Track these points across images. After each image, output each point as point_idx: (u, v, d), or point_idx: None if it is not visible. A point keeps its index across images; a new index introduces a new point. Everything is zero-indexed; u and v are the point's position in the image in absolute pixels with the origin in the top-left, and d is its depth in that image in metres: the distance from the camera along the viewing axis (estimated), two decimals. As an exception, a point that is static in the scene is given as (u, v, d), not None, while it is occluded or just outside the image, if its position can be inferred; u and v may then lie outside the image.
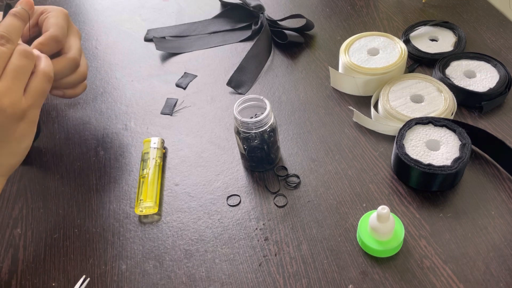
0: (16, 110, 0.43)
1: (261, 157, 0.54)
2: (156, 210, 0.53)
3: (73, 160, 0.60)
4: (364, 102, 0.63)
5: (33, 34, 0.56)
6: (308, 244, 0.49)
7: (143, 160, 0.57)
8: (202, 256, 0.49)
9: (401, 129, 0.54)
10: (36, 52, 0.48)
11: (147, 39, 0.77)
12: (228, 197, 0.54)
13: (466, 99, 0.60)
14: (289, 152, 0.58)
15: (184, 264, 0.49)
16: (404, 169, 0.52)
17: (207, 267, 0.48)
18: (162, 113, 0.65)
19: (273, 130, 0.52)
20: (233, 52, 0.73)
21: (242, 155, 0.55)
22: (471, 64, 0.63)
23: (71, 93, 0.58)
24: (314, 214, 0.51)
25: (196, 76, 0.70)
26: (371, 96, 0.63)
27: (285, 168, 0.56)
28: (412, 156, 0.51)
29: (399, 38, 0.69)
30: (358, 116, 0.60)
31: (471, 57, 0.63)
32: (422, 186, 0.52)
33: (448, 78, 0.61)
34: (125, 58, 0.74)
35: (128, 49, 0.76)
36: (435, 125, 0.55)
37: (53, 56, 0.52)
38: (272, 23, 0.75)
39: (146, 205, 0.52)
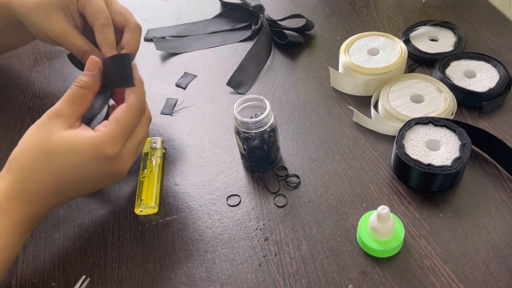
0: (125, 171, 0.47)
1: (261, 157, 0.54)
2: (156, 210, 0.53)
3: (73, 160, 0.60)
4: (364, 102, 0.63)
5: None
6: (308, 244, 0.49)
7: (143, 160, 0.57)
8: (202, 256, 0.49)
9: (401, 129, 0.54)
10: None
11: (147, 39, 0.77)
12: (228, 197, 0.54)
13: (466, 99, 0.60)
14: (289, 152, 0.58)
15: (184, 264, 0.49)
16: (404, 169, 0.52)
17: (207, 267, 0.48)
18: (162, 113, 0.65)
19: (273, 130, 0.52)
20: (233, 52, 0.73)
21: (242, 155, 0.55)
22: (471, 64, 0.63)
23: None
24: (314, 214, 0.51)
25: (196, 76, 0.70)
26: (371, 96, 0.63)
27: (285, 168, 0.56)
28: (412, 156, 0.51)
29: (399, 38, 0.69)
30: (358, 116, 0.60)
31: (471, 57, 0.63)
32: (422, 186, 0.52)
33: (448, 78, 0.61)
34: (125, 58, 0.74)
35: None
36: (435, 125, 0.55)
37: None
38: (272, 23, 0.75)
39: (146, 205, 0.52)
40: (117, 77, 0.50)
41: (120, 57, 0.51)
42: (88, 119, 0.49)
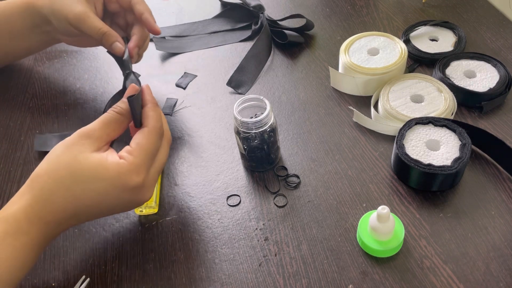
0: (140, 186, 0.45)
1: (261, 157, 0.54)
2: (156, 210, 0.53)
3: (73, 160, 0.60)
4: (364, 102, 0.63)
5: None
6: (308, 244, 0.49)
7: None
8: (202, 256, 0.49)
9: (401, 129, 0.54)
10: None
11: (147, 39, 0.77)
12: (228, 197, 0.54)
13: (466, 99, 0.60)
14: (289, 152, 0.58)
15: (184, 264, 0.49)
16: (404, 169, 0.52)
17: (207, 267, 0.48)
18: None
19: (273, 130, 0.52)
20: (233, 52, 0.73)
21: (242, 155, 0.55)
22: (471, 64, 0.63)
23: None
24: (314, 214, 0.51)
25: (196, 76, 0.70)
26: (371, 96, 0.63)
27: (285, 168, 0.56)
28: (412, 156, 0.51)
29: (399, 38, 0.69)
30: (358, 116, 0.60)
31: (471, 57, 0.63)
32: (422, 186, 0.52)
33: (448, 78, 0.61)
34: (125, 58, 0.74)
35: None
36: (435, 125, 0.55)
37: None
38: (272, 23, 0.75)
39: (146, 205, 0.52)
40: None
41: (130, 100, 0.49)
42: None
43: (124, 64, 0.56)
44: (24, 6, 0.60)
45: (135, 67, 0.58)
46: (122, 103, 0.47)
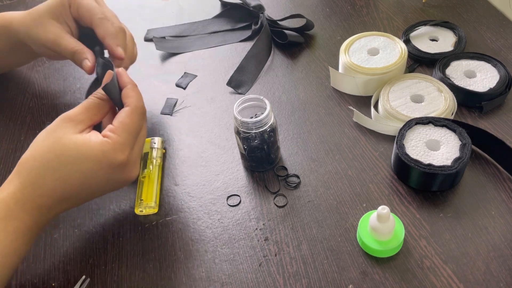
0: (125, 163, 0.46)
1: (261, 157, 0.54)
2: (156, 210, 0.53)
3: (73, 160, 0.60)
4: (364, 102, 0.63)
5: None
6: (308, 244, 0.49)
7: (143, 160, 0.57)
8: (202, 256, 0.49)
9: (401, 129, 0.54)
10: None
11: (147, 39, 0.77)
12: (228, 197, 0.54)
13: (466, 99, 0.60)
14: (289, 152, 0.58)
15: (184, 264, 0.49)
16: (404, 169, 0.52)
17: (207, 267, 0.48)
18: (162, 113, 0.65)
19: (273, 130, 0.52)
20: (233, 52, 0.73)
21: (242, 155, 0.55)
22: (471, 64, 0.63)
23: None
24: (314, 214, 0.51)
25: (196, 76, 0.70)
26: (371, 96, 0.63)
27: (285, 168, 0.56)
28: (412, 156, 0.51)
29: (399, 38, 0.69)
30: (358, 116, 0.60)
31: (471, 57, 0.63)
32: (422, 186, 0.52)
33: (448, 78, 0.61)
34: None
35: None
36: (435, 125, 0.55)
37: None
38: (272, 23, 0.75)
39: (146, 205, 0.52)
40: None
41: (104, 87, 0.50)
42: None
43: (95, 52, 0.57)
44: (2, 28, 0.61)
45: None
46: (101, 89, 0.48)
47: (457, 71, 0.62)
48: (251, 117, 0.52)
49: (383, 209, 0.45)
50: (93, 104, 0.47)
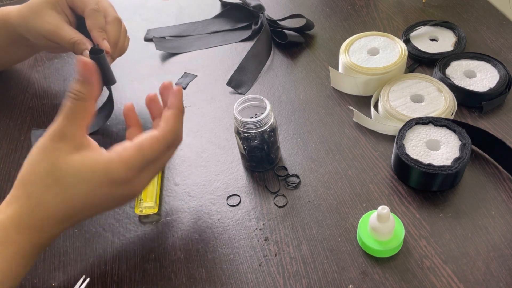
0: (128, 181, 0.43)
1: (261, 157, 0.54)
2: (156, 210, 0.53)
3: (73, 160, 0.60)
4: (364, 102, 0.63)
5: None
6: (308, 244, 0.49)
7: (143, 160, 0.57)
8: (202, 256, 0.49)
9: (401, 129, 0.54)
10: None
11: (147, 39, 0.77)
12: (228, 197, 0.54)
13: (466, 99, 0.60)
14: (289, 152, 0.58)
15: (184, 264, 0.49)
16: (404, 169, 0.52)
17: (207, 267, 0.48)
18: (162, 113, 0.65)
19: (273, 130, 0.52)
20: (233, 52, 0.73)
21: (242, 155, 0.55)
22: (471, 64, 0.63)
23: None
24: (314, 214, 0.51)
25: (196, 76, 0.70)
26: (371, 96, 0.63)
27: (285, 168, 0.56)
28: (412, 156, 0.51)
29: (399, 38, 0.69)
30: (358, 116, 0.60)
31: (471, 57, 0.63)
32: (422, 186, 0.52)
33: (448, 78, 0.61)
34: (125, 58, 0.74)
35: (128, 49, 0.76)
36: (435, 125, 0.55)
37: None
38: (272, 23, 0.75)
39: (146, 205, 0.52)
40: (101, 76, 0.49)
41: (94, 58, 0.49)
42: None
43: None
44: (1, 23, 0.61)
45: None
46: (79, 85, 0.41)
47: (457, 71, 0.62)
48: (251, 117, 0.52)
49: (383, 209, 0.45)
50: (75, 110, 0.42)
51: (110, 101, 0.62)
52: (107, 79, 0.49)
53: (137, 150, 0.42)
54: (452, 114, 0.58)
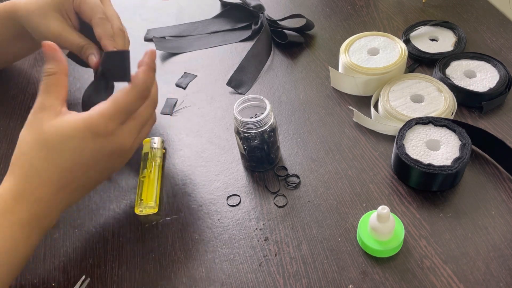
0: (127, 150, 0.47)
1: (261, 157, 0.54)
2: (156, 210, 0.53)
3: (73, 160, 0.60)
4: (364, 102, 0.63)
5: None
6: (308, 244, 0.49)
7: (143, 160, 0.57)
8: (202, 256, 0.49)
9: (401, 129, 0.54)
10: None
11: (147, 39, 0.77)
12: (228, 197, 0.54)
13: (466, 99, 0.60)
14: (289, 152, 0.58)
15: (184, 264, 0.49)
16: (404, 169, 0.52)
17: (207, 267, 0.48)
18: (162, 113, 0.65)
19: (273, 130, 0.52)
20: (233, 52, 0.73)
21: (242, 155, 0.55)
22: (471, 64, 0.63)
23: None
24: (314, 214, 0.51)
25: (196, 76, 0.70)
26: (371, 96, 0.63)
27: (285, 168, 0.56)
28: (412, 156, 0.51)
29: (399, 38, 0.69)
30: (358, 116, 0.60)
31: (471, 57, 0.63)
32: (422, 186, 0.52)
33: (448, 78, 0.61)
34: (125, 58, 0.74)
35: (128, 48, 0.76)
36: (435, 125, 0.55)
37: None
38: (272, 23, 0.75)
39: (146, 205, 0.52)
40: (115, 71, 0.51)
41: (117, 53, 0.52)
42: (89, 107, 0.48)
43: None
44: (6, 15, 0.61)
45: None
46: (48, 63, 0.46)
47: (457, 71, 0.62)
48: (251, 117, 0.52)
49: (383, 209, 0.45)
50: (49, 83, 0.46)
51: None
52: (121, 75, 0.50)
53: (111, 102, 0.45)
54: (452, 114, 0.58)
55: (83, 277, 0.48)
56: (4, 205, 0.42)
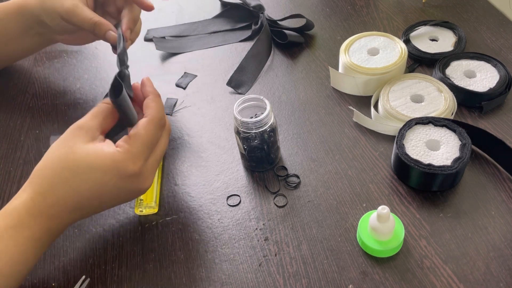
0: (137, 174, 0.45)
1: (261, 157, 0.54)
2: (156, 210, 0.53)
3: (73, 160, 0.60)
4: (364, 102, 0.63)
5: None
6: (308, 244, 0.49)
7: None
8: (202, 256, 0.49)
9: (401, 129, 0.54)
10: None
11: (147, 39, 0.77)
12: (228, 197, 0.54)
13: (466, 99, 0.60)
14: (289, 152, 0.58)
15: (184, 264, 0.49)
16: (404, 169, 0.52)
17: (207, 267, 0.48)
18: (162, 113, 0.65)
19: (273, 130, 0.52)
20: (233, 52, 0.73)
21: (242, 155, 0.55)
22: (471, 64, 0.63)
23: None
24: (314, 214, 0.51)
25: (196, 76, 0.70)
26: (371, 96, 0.63)
27: (285, 168, 0.56)
28: (412, 156, 0.51)
29: (399, 38, 0.69)
30: (358, 116, 0.60)
31: (471, 57, 0.63)
32: (422, 186, 0.52)
33: (448, 78, 0.61)
34: (125, 58, 0.74)
35: (128, 49, 0.76)
36: (435, 125, 0.55)
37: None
38: (272, 23, 0.75)
39: (146, 205, 0.52)
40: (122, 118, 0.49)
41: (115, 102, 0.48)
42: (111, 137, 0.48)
43: (120, 58, 0.55)
44: (16, 9, 0.61)
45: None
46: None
47: (457, 71, 0.62)
48: (251, 117, 0.52)
49: (383, 209, 0.45)
50: (101, 110, 0.47)
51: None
52: (128, 120, 0.48)
53: (136, 139, 0.45)
54: (452, 114, 0.58)
55: (83, 277, 0.48)
56: (18, 219, 0.42)
